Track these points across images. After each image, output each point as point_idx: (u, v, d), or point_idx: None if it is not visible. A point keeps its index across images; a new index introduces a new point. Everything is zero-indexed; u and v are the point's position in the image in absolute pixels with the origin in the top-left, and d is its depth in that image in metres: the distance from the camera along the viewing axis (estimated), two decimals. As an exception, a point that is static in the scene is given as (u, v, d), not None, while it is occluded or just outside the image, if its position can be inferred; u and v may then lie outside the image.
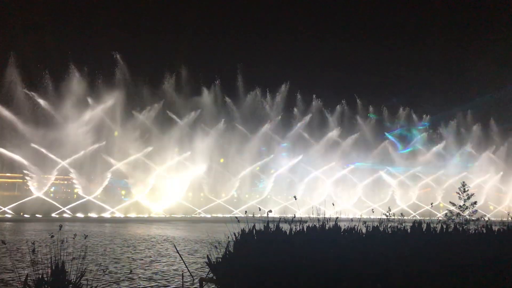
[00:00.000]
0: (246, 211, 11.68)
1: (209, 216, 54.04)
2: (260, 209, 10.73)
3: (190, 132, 56.15)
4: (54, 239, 7.78)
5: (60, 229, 8.01)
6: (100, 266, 12.61)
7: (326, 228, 9.69)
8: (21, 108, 47.84)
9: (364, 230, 10.18)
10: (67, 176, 51.33)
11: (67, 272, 7.81)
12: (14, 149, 46.53)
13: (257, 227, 9.49)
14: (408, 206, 64.59)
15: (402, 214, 12.06)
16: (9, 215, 43.37)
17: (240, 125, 59.86)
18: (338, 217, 10.43)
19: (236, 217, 10.04)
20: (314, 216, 10.28)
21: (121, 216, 48.10)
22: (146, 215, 50.14)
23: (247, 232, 9.37)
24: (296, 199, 12.27)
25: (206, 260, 9.32)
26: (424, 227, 10.43)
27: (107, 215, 47.95)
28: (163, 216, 50.45)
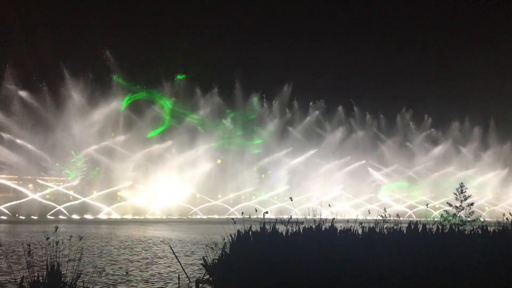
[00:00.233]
0: (243, 212, 11.66)
1: (205, 217, 53.97)
2: (257, 210, 10.73)
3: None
4: (50, 241, 7.76)
5: (56, 231, 7.98)
6: (96, 268, 12.57)
7: (322, 229, 9.70)
8: (16, 110, 48.01)
9: (360, 231, 10.20)
10: (63, 178, 51.18)
11: (63, 274, 7.79)
12: (10, 150, 46.43)
13: (253, 229, 9.50)
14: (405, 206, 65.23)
15: (398, 215, 12.10)
16: (4, 217, 43.14)
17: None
18: (334, 218, 10.45)
19: (233, 219, 10.04)
20: (310, 217, 10.30)
21: (117, 218, 47.95)
22: (142, 217, 50.02)
23: (243, 234, 9.38)
24: (292, 200, 12.27)
25: (203, 262, 9.32)
26: (420, 228, 10.46)
27: (104, 217, 47.79)
28: (159, 218, 50.33)
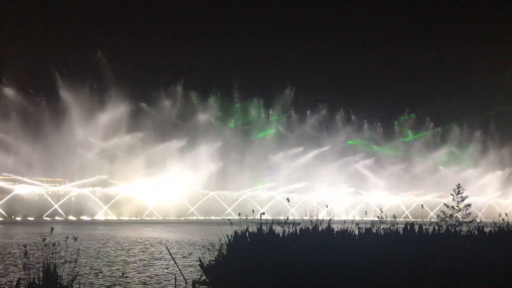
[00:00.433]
0: (240, 213, 11.66)
1: (202, 218, 53.93)
2: (253, 211, 10.74)
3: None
4: (46, 242, 7.73)
5: (52, 232, 7.96)
6: (92, 270, 12.53)
7: (319, 230, 9.70)
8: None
9: (357, 232, 10.21)
10: (59, 179, 51.06)
11: (60, 276, 7.76)
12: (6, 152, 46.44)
13: (250, 229, 9.50)
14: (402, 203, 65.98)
15: (395, 216, 12.12)
16: (1, 218, 43.02)
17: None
18: (331, 219, 10.46)
19: (229, 219, 10.03)
20: (307, 218, 10.30)
21: (114, 219, 47.86)
22: (139, 218, 49.94)
23: (240, 235, 9.38)
24: (289, 201, 12.29)
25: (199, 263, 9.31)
26: (417, 229, 10.48)
27: (100, 218, 47.67)
28: (156, 218, 50.26)
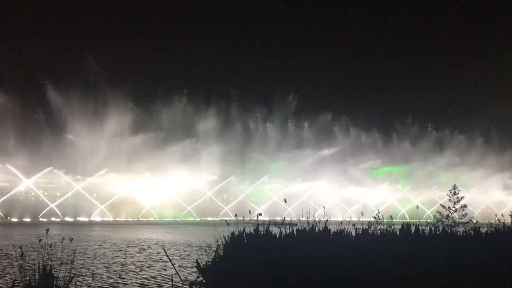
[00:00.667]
0: (236, 214, 11.65)
1: (199, 219, 53.87)
2: (250, 212, 10.72)
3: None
4: (43, 243, 7.70)
5: (47, 233, 7.93)
6: (89, 271, 12.50)
7: (316, 231, 9.71)
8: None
9: (354, 233, 10.22)
10: (55, 180, 50.91)
11: (56, 277, 7.73)
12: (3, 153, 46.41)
13: (247, 230, 9.48)
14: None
15: (391, 216, 12.14)
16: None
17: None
18: (328, 220, 10.46)
19: (226, 220, 10.02)
20: (304, 219, 10.30)
21: (110, 220, 47.76)
22: (136, 219, 49.85)
23: (237, 236, 9.37)
24: (286, 202, 12.28)
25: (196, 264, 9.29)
26: (413, 230, 10.50)
27: (97, 219, 47.55)
28: (153, 220, 50.18)
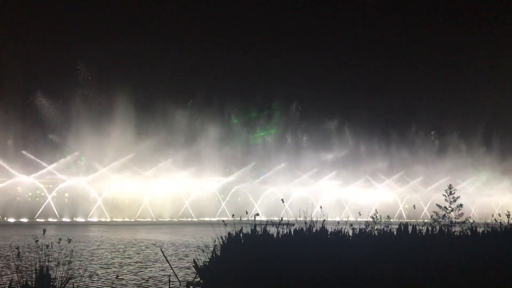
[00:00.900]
0: (233, 214, 11.64)
1: (196, 220, 53.88)
2: (247, 212, 10.73)
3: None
4: (39, 244, 7.69)
5: (44, 233, 7.92)
6: (86, 271, 12.48)
7: (313, 231, 9.72)
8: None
9: (351, 233, 10.24)
10: (53, 180, 50.80)
11: (53, 278, 7.72)
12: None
13: (244, 231, 9.49)
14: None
15: (389, 216, 12.16)
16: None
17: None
18: (325, 220, 10.47)
19: (223, 221, 10.02)
20: (301, 219, 10.30)
21: (107, 220, 47.72)
22: (133, 219, 49.83)
23: (234, 236, 9.38)
24: (284, 202, 12.28)
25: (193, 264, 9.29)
26: (410, 230, 10.53)
27: (94, 219, 47.51)
28: (150, 220, 50.17)
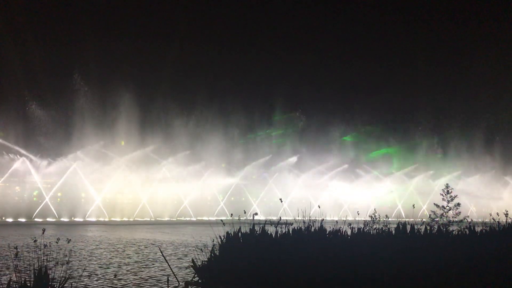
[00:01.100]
0: (232, 214, 11.65)
1: (195, 219, 53.84)
2: (245, 212, 10.72)
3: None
4: (38, 244, 7.68)
5: (43, 233, 7.91)
6: (85, 271, 12.48)
7: (312, 231, 9.73)
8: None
9: (349, 232, 10.24)
10: (51, 180, 50.71)
11: (51, 278, 7.71)
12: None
13: (243, 230, 9.49)
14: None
15: (387, 216, 12.18)
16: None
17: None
18: (324, 219, 10.48)
19: (222, 220, 10.02)
20: (300, 218, 10.31)
21: (106, 220, 47.66)
22: (132, 219, 49.78)
23: (233, 235, 9.38)
24: (282, 201, 12.29)
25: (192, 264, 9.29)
26: (408, 229, 10.54)
27: (92, 219, 47.44)
28: (148, 220, 50.13)
